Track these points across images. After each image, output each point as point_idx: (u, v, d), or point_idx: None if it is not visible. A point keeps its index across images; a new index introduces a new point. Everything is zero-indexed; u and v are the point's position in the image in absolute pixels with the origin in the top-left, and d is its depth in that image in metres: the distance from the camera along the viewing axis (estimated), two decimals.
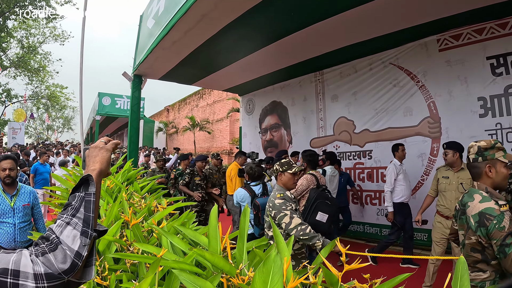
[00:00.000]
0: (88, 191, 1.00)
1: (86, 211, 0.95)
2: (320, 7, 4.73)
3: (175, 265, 1.38)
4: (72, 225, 0.91)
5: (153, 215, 2.53)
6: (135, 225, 2.06)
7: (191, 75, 7.87)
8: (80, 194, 0.99)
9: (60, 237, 0.88)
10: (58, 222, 0.92)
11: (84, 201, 0.97)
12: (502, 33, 5.05)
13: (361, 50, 6.39)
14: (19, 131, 22.34)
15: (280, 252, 1.36)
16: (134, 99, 7.35)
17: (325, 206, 3.72)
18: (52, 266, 0.82)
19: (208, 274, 1.43)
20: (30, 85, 29.88)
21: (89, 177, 1.03)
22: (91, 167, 1.12)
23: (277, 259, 1.05)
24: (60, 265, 0.83)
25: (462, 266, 1.24)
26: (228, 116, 20.95)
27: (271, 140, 9.15)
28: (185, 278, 1.24)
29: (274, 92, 9.13)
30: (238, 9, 4.61)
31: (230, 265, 1.29)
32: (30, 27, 26.32)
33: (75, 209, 0.95)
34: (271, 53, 6.27)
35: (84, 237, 0.90)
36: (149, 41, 6.13)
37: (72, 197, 0.99)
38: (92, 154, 1.17)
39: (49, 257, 0.83)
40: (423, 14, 4.92)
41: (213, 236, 1.56)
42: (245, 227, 1.58)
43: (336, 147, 7.41)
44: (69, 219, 0.92)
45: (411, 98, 6.10)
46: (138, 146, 7.67)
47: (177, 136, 27.99)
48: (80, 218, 0.93)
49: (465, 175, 4.11)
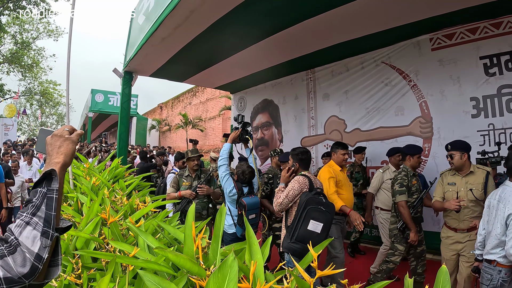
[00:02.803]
0: (51, 187, 0.95)
1: (47, 209, 0.90)
2: (311, 3, 4.67)
3: (144, 264, 1.33)
4: (32, 225, 0.86)
5: (135, 213, 2.47)
6: (114, 223, 2.01)
7: (182, 72, 7.80)
8: (42, 190, 0.93)
9: (19, 238, 0.83)
10: (18, 221, 0.87)
11: (46, 198, 0.92)
12: (495, 33, 5.02)
13: (353, 48, 6.36)
14: (11, 127, 22.17)
15: (252, 254, 1.30)
16: (125, 96, 7.27)
17: (318, 213, 3.26)
18: (12, 270, 0.77)
19: (181, 275, 1.38)
20: (23, 81, 29.69)
21: (52, 172, 0.98)
22: (55, 159, 1.06)
23: (234, 264, 0.97)
24: (20, 269, 0.78)
25: (443, 277, 1.18)
26: (220, 114, 20.96)
27: (262, 139, 9.11)
28: (150, 279, 1.19)
29: (266, 90, 9.09)
30: (226, 5, 4.56)
31: (199, 266, 1.23)
32: (24, 22, 26.11)
33: (36, 207, 0.90)
34: (262, 50, 6.22)
35: (45, 238, 0.86)
36: (139, 37, 6.05)
37: (34, 192, 0.94)
38: (55, 143, 1.11)
39: (8, 260, 0.78)
40: (416, 12, 4.88)
41: (188, 235, 1.50)
42: (220, 227, 1.52)
43: (326, 146, 7.37)
44: (29, 218, 0.87)
45: (403, 98, 6.07)
46: (127, 144, 7.60)
47: (170, 134, 27.93)
48: (41, 217, 0.88)
49: (475, 180, 3.63)
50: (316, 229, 3.21)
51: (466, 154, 3.68)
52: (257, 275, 1.14)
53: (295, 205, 3.48)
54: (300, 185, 3.53)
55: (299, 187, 3.51)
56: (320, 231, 3.21)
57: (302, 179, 3.59)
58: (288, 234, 3.38)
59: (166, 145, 23.89)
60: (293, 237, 3.27)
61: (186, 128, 22.49)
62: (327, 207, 3.31)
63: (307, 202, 3.31)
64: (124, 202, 2.82)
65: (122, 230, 2.12)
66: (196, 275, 1.24)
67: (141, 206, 2.61)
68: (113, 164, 4.48)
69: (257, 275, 1.14)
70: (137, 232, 1.74)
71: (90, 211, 2.24)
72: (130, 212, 2.63)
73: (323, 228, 3.22)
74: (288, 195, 3.49)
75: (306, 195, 3.40)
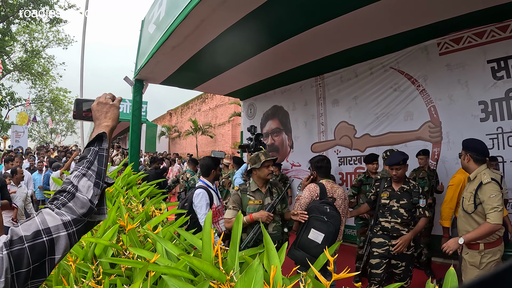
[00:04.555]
0: (102, 147, 1.12)
1: (99, 165, 1.08)
2: (319, 11, 4.71)
3: (167, 270, 1.39)
4: (87, 176, 1.03)
5: (150, 220, 2.53)
6: (131, 230, 2.07)
7: (192, 80, 7.89)
8: (94, 149, 1.11)
9: (78, 185, 1.00)
10: (75, 173, 1.03)
11: (98, 155, 1.10)
12: (502, 36, 5.03)
13: (362, 54, 6.38)
14: (22, 134, 22.44)
15: (270, 260, 1.35)
16: (136, 103, 7.37)
17: (319, 222, 3.12)
18: (74, 212, 0.95)
19: (201, 280, 1.44)
20: (34, 88, 30.04)
21: (103, 134, 1.15)
22: (105, 123, 1.24)
23: (259, 268, 1.05)
24: (80, 210, 0.96)
25: (451, 278, 1.23)
26: (230, 120, 21.00)
27: (272, 145, 9.13)
28: (174, 284, 1.25)
29: (275, 97, 9.13)
30: (236, 14, 4.62)
31: (220, 271, 1.29)
32: (34, 31, 26.45)
33: (90, 162, 1.07)
34: (271, 57, 6.27)
35: (96, 187, 1.03)
36: (150, 46, 6.15)
37: (87, 150, 1.11)
38: (102, 109, 1.28)
39: (70, 205, 0.95)
40: (423, 16, 4.90)
41: (206, 242, 1.56)
42: (237, 233, 1.58)
43: (337, 151, 7.41)
44: (85, 171, 1.04)
45: (411, 103, 6.09)
46: (139, 151, 7.68)
47: (180, 140, 28.04)
48: (94, 170, 1.06)
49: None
50: (316, 239, 3.09)
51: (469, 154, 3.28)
52: (276, 279, 1.20)
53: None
54: (310, 193, 3.54)
55: (309, 194, 3.53)
56: (321, 242, 3.06)
57: (313, 187, 3.58)
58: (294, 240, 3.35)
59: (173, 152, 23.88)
60: (295, 243, 3.26)
61: (196, 135, 22.57)
62: (331, 218, 3.15)
63: (310, 210, 3.27)
64: (140, 209, 2.88)
65: (139, 237, 2.19)
66: (217, 279, 1.30)
67: (157, 213, 2.67)
68: (126, 171, 4.54)
69: (276, 279, 1.19)
70: (156, 238, 1.80)
71: (107, 218, 2.30)
72: (145, 219, 2.69)
73: (324, 239, 3.07)
74: (301, 203, 3.50)
75: (313, 203, 3.37)
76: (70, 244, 0.92)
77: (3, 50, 23.86)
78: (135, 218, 2.59)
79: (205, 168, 4.53)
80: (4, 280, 0.76)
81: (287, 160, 8.76)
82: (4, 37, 23.99)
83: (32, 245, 0.84)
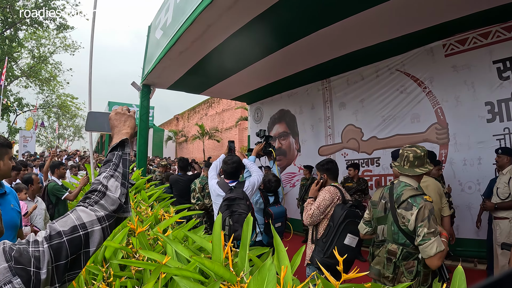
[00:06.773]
0: (125, 151, 1.24)
1: (124, 167, 1.19)
2: (325, 13, 4.74)
3: (178, 272, 1.42)
4: (115, 177, 1.14)
5: (159, 223, 2.56)
6: (141, 233, 2.10)
7: (199, 84, 7.94)
8: (118, 153, 1.22)
9: (107, 185, 1.10)
10: (104, 174, 1.14)
11: (121, 159, 1.21)
12: (508, 36, 5.02)
13: (368, 56, 6.40)
14: (30, 139, 22.58)
15: (280, 261, 1.37)
16: (143, 108, 7.43)
17: (354, 227, 3.10)
18: (106, 209, 1.04)
19: (211, 282, 1.46)
20: (41, 94, 30.22)
21: (125, 140, 1.28)
22: (124, 130, 1.35)
23: (272, 267, 1.08)
24: (111, 207, 1.06)
25: (459, 277, 1.24)
26: (237, 124, 20.98)
27: (279, 149, 9.12)
28: (186, 285, 1.28)
29: (282, 101, 9.16)
30: (242, 19, 4.67)
31: (230, 272, 1.32)
32: (41, 37, 26.65)
33: (116, 165, 1.18)
34: (277, 61, 6.30)
35: (123, 187, 1.13)
36: (157, 51, 6.21)
37: (111, 154, 1.22)
38: (120, 119, 1.39)
39: (102, 203, 1.05)
40: (427, 17, 4.90)
41: (216, 244, 1.59)
42: (247, 235, 1.60)
43: (344, 154, 7.41)
44: (112, 172, 1.15)
45: (418, 105, 6.08)
46: (146, 155, 7.73)
47: (187, 145, 28.07)
48: (120, 172, 1.17)
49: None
50: (352, 243, 3.09)
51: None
52: (286, 279, 1.22)
53: (326, 218, 3.32)
54: (331, 195, 3.36)
55: (330, 197, 3.34)
56: (355, 245, 3.10)
57: (333, 189, 3.42)
58: (320, 248, 3.22)
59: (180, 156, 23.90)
60: (327, 251, 3.13)
61: (203, 139, 22.60)
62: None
63: (346, 215, 3.16)
64: (149, 213, 2.92)
65: (149, 240, 2.22)
66: (227, 280, 1.32)
67: (167, 216, 2.70)
68: (134, 175, 4.59)
69: (286, 280, 1.22)
70: (167, 240, 1.83)
71: None
72: (154, 222, 2.72)
73: (358, 242, 3.12)
74: (320, 206, 3.30)
75: (342, 208, 3.23)
76: (103, 237, 1.01)
77: (11, 56, 24.03)
78: (144, 221, 2.63)
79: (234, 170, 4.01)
80: (46, 271, 0.83)
81: (294, 163, 8.76)
82: (12, 43, 24.20)
83: (70, 239, 0.91)
